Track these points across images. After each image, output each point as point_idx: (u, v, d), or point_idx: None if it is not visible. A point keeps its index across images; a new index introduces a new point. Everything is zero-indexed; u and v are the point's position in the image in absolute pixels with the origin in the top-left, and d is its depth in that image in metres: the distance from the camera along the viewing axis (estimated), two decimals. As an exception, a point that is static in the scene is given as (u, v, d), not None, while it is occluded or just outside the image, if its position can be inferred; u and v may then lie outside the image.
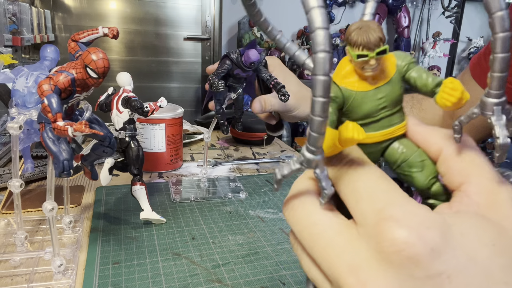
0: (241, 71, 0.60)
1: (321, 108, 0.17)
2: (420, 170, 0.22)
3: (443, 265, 0.17)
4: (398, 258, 0.17)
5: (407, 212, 0.18)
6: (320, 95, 0.17)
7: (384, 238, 0.17)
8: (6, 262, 0.46)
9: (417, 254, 0.17)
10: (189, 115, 2.40)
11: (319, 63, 0.16)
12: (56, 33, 2.24)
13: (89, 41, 0.44)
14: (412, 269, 0.17)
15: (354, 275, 0.18)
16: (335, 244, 0.19)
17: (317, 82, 0.17)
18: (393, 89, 0.22)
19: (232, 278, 0.45)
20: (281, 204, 0.65)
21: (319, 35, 0.16)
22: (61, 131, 0.36)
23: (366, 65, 0.20)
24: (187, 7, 2.43)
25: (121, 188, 0.68)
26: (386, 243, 0.17)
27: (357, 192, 0.20)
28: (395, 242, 0.17)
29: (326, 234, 0.20)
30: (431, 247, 0.17)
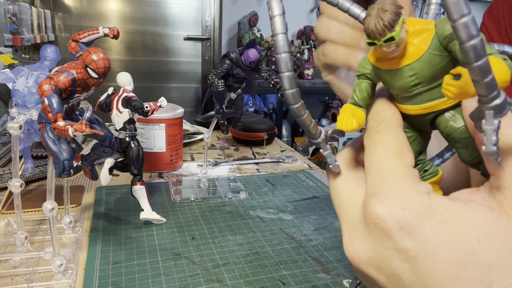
0: (241, 71, 0.60)
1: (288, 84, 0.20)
2: (464, 146, 0.22)
3: (411, 244, 0.19)
4: (374, 229, 0.20)
5: (393, 191, 0.20)
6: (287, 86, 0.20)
7: (366, 210, 0.20)
8: (6, 262, 0.46)
9: (387, 229, 0.19)
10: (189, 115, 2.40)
11: (282, 63, 0.19)
12: (56, 33, 2.24)
13: (90, 41, 0.44)
14: (384, 240, 0.20)
15: (348, 233, 0.22)
16: (343, 205, 0.23)
17: (283, 78, 0.20)
18: (428, 65, 0.20)
19: (232, 278, 0.45)
20: (281, 204, 0.66)
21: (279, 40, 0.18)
22: (61, 131, 0.36)
23: (385, 48, 0.20)
24: (187, 7, 2.43)
25: (121, 188, 0.68)
26: (367, 214, 0.20)
27: (369, 164, 0.22)
28: (372, 216, 0.20)
29: (340, 196, 0.24)
30: (400, 225, 0.19)
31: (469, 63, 0.16)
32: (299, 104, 0.21)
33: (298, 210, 0.64)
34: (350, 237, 0.22)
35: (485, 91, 0.17)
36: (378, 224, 0.20)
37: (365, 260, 0.21)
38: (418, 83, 0.21)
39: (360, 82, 0.23)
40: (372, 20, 0.19)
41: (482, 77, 0.16)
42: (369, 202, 0.20)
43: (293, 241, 0.54)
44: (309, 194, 0.70)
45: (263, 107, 2.90)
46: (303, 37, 2.82)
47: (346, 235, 0.22)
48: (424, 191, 0.20)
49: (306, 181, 0.77)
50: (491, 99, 0.17)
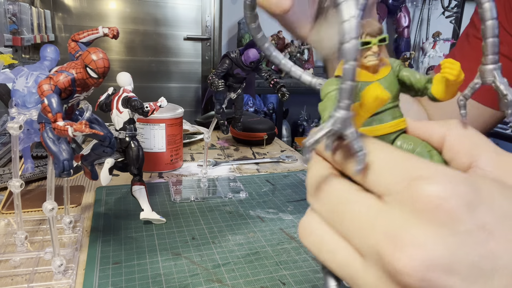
0: (241, 71, 0.60)
1: (352, 53, 0.18)
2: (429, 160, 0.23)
3: (482, 219, 0.16)
4: (436, 214, 0.16)
5: (434, 170, 0.17)
6: (351, 37, 0.17)
7: (419, 197, 0.17)
8: (6, 262, 0.46)
9: (454, 208, 0.16)
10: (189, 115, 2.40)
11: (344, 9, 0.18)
12: (56, 33, 2.24)
13: (89, 41, 0.44)
14: (452, 224, 0.16)
15: (391, 241, 0.17)
16: (367, 217, 0.19)
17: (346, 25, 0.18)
18: (392, 83, 0.23)
19: (232, 278, 0.45)
20: (281, 204, 0.65)
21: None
22: (61, 131, 0.36)
23: (369, 52, 0.22)
24: (187, 7, 2.43)
25: (121, 188, 0.68)
26: (421, 202, 0.17)
27: (375, 166, 0.19)
28: (431, 199, 0.16)
29: (357, 209, 0.19)
30: (466, 200, 0.16)
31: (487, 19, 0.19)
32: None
33: (298, 210, 0.64)
34: (398, 244, 0.17)
35: (495, 51, 0.19)
36: (441, 206, 0.16)
37: (430, 265, 0.16)
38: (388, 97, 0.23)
39: (332, 96, 0.22)
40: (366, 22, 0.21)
41: (497, 34, 0.19)
42: (416, 189, 0.17)
43: (293, 241, 0.54)
44: (309, 194, 0.70)
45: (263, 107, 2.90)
46: (303, 37, 2.81)
47: (389, 246, 0.17)
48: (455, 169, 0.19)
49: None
50: (497, 59, 0.19)
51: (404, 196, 0.18)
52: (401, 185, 0.18)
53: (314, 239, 0.22)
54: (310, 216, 0.23)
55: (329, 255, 0.21)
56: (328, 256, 0.21)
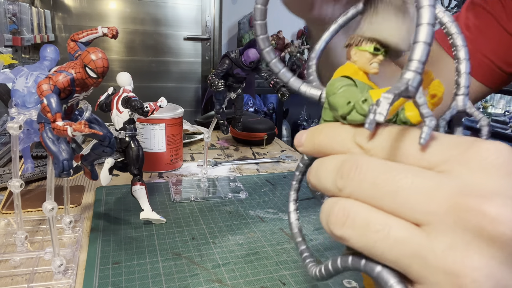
0: (241, 71, 0.59)
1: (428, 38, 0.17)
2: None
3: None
4: (492, 240, 0.16)
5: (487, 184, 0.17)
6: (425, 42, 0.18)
7: (483, 218, 0.16)
8: (6, 262, 0.46)
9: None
10: (189, 115, 2.40)
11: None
12: (56, 33, 2.24)
13: (89, 41, 0.44)
14: (508, 250, 0.16)
15: (474, 196, 0.17)
16: (426, 186, 0.18)
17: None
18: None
19: (232, 278, 0.45)
20: (281, 204, 0.65)
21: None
22: (60, 131, 0.36)
23: (375, 59, 0.22)
24: (187, 7, 2.43)
25: (121, 188, 0.68)
26: (487, 224, 0.16)
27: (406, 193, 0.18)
28: (486, 223, 0.16)
29: (410, 180, 0.18)
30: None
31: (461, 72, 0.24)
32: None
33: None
34: (484, 198, 0.17)
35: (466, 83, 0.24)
36: (497, 228, 0.16)
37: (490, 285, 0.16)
38: None
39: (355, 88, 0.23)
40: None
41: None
42: (470, 205, 0.16)
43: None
44: (309, 194, 0.70)
45: (263, 107, 2.90)
46: (303, 37, 2.82)
47: (473, 202, 0.17)
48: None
49: (306, 181, 0.77)
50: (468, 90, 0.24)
51: (470, 161, 0.17)
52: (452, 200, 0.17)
53: (358, 223, 0.20)
54: (343, 201, 0.21)
55: (380, 234, 0.19)
56: (379, 235, 0.19)
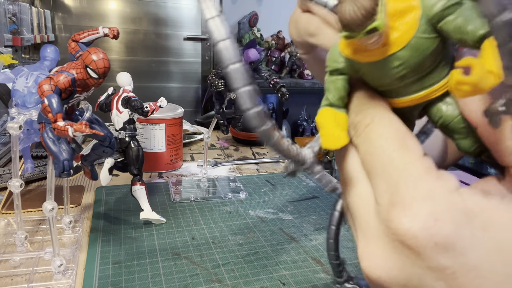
0: (241, 71, 0.59)
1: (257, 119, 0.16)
2: (464, 136, 0.19)
3: (448, 261, 0.16)
4: (400, 246, 0.17)
5: (417, 196, 0.16)
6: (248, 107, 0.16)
7: (390, 224, 0.17)
8: (6, 262, 0.46)
9: (418, 247, 0.16)
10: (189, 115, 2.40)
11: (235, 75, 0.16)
12: (56, 33, 2.24)
13: (89, 41, 0.44)
14: (414, 259, 0.16)
15: (363, 246, 0.19)
16: (354, 206, 0.19)
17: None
18: (416, 52, 0.17)
19: (232, 278, 0.45)
20: (281, 204, 0.66)
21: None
22: (61, 131, 0.36)
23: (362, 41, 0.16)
24: (187, 7, 2.43)
25: (121, 188, 0.68)
26: (391, 230, 0.17)
27: (371, 167, 0.18)
28: (398, 232, 0.16)
29: (350, 195, 0.20)
30: (434, 241, 0.16)
31: (504, 44, 0.13)
32: (269, 126, 0.17)
33: (298, 210, 0.64)
34: (367, 250, 0.18)
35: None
36: (406, 242, 0.16)
37: (387, 280, 0.18)
38: (406, 74, 0.17)
39: (335, 80, 0.19)
40: (347, 7, 0.15)
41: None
42: (390, 214, 0.17)
43: (293, 241, 0.54)
44: (309, 194, 0.70)
45: (263, 107, 2.90)
46: (303, 37, 2.82)
47: (362, 246, 0.19)
48: (453, 187, 0.17)
49: (306, 181, 0.77)
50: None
51: (383, 214, 0.17)
52: (384, 201, 0.17)
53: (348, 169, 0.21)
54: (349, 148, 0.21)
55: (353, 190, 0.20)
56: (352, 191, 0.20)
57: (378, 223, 0.18)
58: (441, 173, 0.17)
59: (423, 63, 0.17)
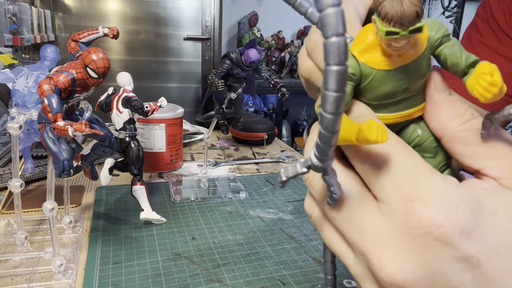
0: (241, 71, 0.60)
1: (334, 108, 0.14)
2: (433, 156, 0.21)
3: (473, 248, 0.16)
4: (425, 239, 0.16)
5: (433, 189, 0.17)
6: (334, 89, 0.14)
7: (410, 219, 0.16)
8: (6, 262, 0.46)
9: (446, 236, 0.16)
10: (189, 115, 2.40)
11: (332, 49, 0.13)
12: (56, 33, 2.24)
13: (89, 41, 0.44)
14: (440, 251, 0.16)
15: (378, 254, 0.18)
16: (358, 218, 0.19)
17: (330, 73, 0.14)
18: (420, 68, 0.18)
19: (232, 278, 0.45)
20: (281, 204, 0.65)
21: (329, 16, 0.13)
22: (61, 131, 0.36)
23: (394, 43, 0.17)
24: (187, 7, 2.43)
25: (121, 188, 0.68)
26: (413, 224, 0.16)
27: (376, 168, 0.18)
28: (423, 224, 0.16)
29: (348, 205, 0.19)
30: (460, 228, 0.16)
31: None
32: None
33: (298, 210, 0.64)
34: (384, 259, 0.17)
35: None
36: (433, 232, 0.16)
37: (413, 283, 0.17)
38: (407, 88, 0.19)
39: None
40: (399, 4, 0.15)
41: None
42: (409, 209, 0.17)
43: (293, 241, 0.54)
44: (309, 194, 0.70)
45: (263, 107, 2.90)
46: (303, 37, 2.82)
47: (376, 259, 0.18)
48: (456, 183, 0.18)
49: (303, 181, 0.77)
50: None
51: (398, 212, 0.17)
52: (397, 198, 0.17)
53: (315, 223, 0.22)
54: (308, 199, 0.23)
55: (326, 239, 0.22)
56: (326, 240, 0.22)
57: (392, 224, 0.17)
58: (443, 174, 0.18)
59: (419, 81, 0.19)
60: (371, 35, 0.18)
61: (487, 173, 0.18)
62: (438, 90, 0.19)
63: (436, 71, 0.20)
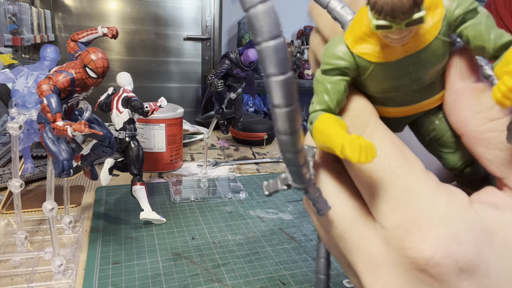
0: (241, 71, 0.60)
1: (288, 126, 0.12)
2: (453, 151, 0.18)
3: (472, 285, 0.15)
4: (420, 274, 0.15)
5: (434, 218, 0.15)
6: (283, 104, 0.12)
7: (406, 253, 0.15)
8: (6, 262, 0.46)
9: (442, 274, 0.14)
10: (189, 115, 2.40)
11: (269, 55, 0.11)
12: (56, 33, 2.24)
13: (89, 41, 0.44)
14: (436, 286, 0.15)
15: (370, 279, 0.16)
16: (350, 239, 0.17)
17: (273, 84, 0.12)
18: (432, 55, 0.15)
19: (232, 278, 0.45)
20: (281, 204, 0.65)
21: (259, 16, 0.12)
22: (60, 131, 0.36)
23: (391, 35, 0.14)
24: (187, 7, 2.43)
25: (121, 188, 0.68)
26: (407, 259, 0.15)
27: (371, 186, 0.16)
28: (418, 261, 0.15)
29: (341, 224, 0.17)
30: (460, 266, 0.14)
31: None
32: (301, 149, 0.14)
33: (298, 210, 0.64)
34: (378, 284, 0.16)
35: None
36: (429, 270, 0.15)
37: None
38: (416, 80, 0.16)
39: (336, 81, 0.16)
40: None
41: None
42: (405, 242, 0.15)
43: (293, 241, 0.54)
44: (309, 194, 0.70)
45: (263, 107, 2.90)
46: (303, 37, 2.82)
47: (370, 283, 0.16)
48: (466, 203, 0.15)
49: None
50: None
51: (394, 240, 0.16)
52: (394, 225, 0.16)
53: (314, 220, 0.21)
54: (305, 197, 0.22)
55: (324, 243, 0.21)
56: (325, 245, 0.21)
57: (387, 251, 0.16)
58: (449, 188, 0.16)
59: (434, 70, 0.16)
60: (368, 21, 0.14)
61: (510, 184, 0.16)
62: (461, 77, 0.16)
63: (460, 52, 0.16)
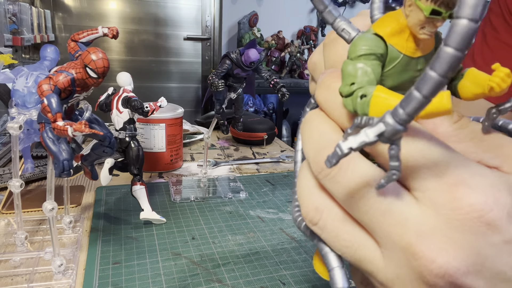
0: (241, 71, 0.60)
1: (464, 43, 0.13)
2: None
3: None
4: (476, 224, 0.16)
5: (475, 174, 0.16)
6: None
7: (459, 204, 0.16)
8: (6, 262, 0.46)
9: (496, 219, 0.16)
10: (189, 115, 2.40)
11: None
12: (56, 33, 2.24)
13: (89, 41, 0.44)
14: (490, 235, 0.16)
15: (426, 245, 0.17)
16: (397, 209, 0.17)
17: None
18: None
19: (232, 278, 0.45)
20: (281, 204, 0.65)
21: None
22: (60, 131, 0.36)
23: (430, 25, 0.16)
24: (187, 7, 2.43)
25: (121, 188, 0.68)
26: (462, 210, 0.16)
27: (409, 159, 0.17)
28: (474, 208, 0.16)
29: (385, 200, 0.18)
30: (507, 211, 0.16)
31: None
32: None
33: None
34: (435, 249, 0.16)
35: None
36: (484, 216, 0.16)
37: (465, 271, 0.16)
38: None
39: (375, 64, 0.18)
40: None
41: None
42: (458, 193, 0.16)
43: (293, 241, 0.54)
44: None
45: (263, 107, 2.90)
46: (303, 37, 2.82)
47: (423, 248, 0.17)
48: (487, 168, 0.18)
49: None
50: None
51: (442, 198, 0.17)
52: (439, 185, 0.17)
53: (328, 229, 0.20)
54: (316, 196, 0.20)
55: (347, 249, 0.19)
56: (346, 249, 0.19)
57: (435, 212, 0.17)
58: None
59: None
60: (401, 18, 0.17)
61: (487, 163, 0.18)
62: None
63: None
